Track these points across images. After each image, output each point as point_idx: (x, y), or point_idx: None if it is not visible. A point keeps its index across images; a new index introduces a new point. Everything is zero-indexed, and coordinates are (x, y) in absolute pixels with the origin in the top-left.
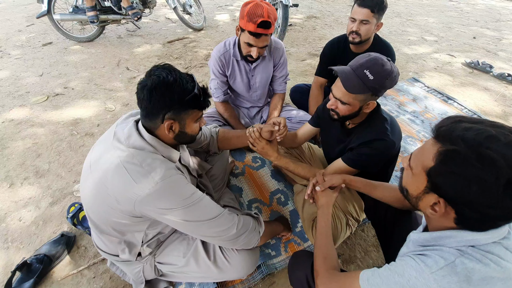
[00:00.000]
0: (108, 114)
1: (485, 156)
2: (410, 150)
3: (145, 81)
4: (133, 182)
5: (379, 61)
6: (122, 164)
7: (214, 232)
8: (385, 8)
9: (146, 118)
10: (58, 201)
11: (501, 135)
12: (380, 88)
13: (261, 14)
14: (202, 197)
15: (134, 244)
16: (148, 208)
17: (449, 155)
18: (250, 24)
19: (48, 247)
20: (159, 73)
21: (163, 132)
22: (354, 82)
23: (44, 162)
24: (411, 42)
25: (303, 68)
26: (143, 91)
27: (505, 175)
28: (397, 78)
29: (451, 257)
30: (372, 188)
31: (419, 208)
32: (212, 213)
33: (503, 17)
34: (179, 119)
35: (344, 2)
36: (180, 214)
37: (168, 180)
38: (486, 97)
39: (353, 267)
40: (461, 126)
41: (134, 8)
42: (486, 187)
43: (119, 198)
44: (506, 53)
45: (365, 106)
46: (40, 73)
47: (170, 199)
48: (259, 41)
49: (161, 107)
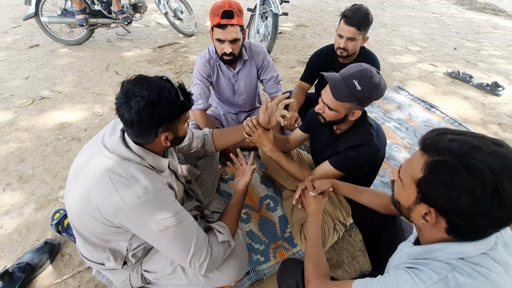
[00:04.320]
0: (95, 119)
1: (471, 166)
2: (396, 156)
3: (127, 103)
4: (116, 193)
5: (368, 73)
6: (106, 173)
7: (184, 258)
8: (370, 24)
9: (136, 137)
10: (42, 207)
11: (483, 145)
12: (366, 99)
13: (222, 6)
14: (184, 217)
15: (119, 252)
16: (127, 222)
17: (437, 166)
18: (215, 18)
19: (31, 255)
20: (140, 92)
21: (156, 144)
22: (342, 90)
23: (28, 167)
24: (396, 52)
25: (292, 75)
26: (129, 114)
27: (490, 183)
28: (384, 91)
29: (444, 272)
30: (359, 194)
31: (411, 220)
32: (190, 239)
33: (482, 29)
34: (172, 129)
35: (333, 12)
36: (157, 232)
37: (152, 195)
38: (467, 105)
39: (340, 272)
40: (446, 137)
41: (124, 13)
42: (474, 195)
43: (100, 208)
44: (485, 63)
45: (350, 114)
46: (26, 76)
47: (150, 216)
48: (226, 32)
49: (152, 126)
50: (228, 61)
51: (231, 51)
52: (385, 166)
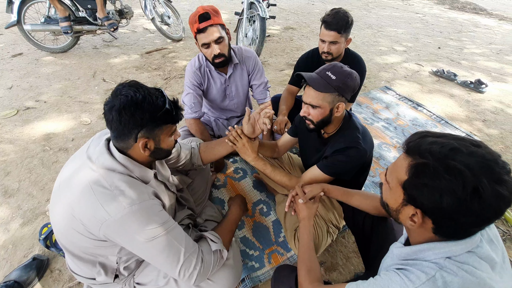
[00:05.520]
0: (83, 128)
1: (451, 167)
2: (386, 156)
3: (112, 101)
4: (99, 206)
5: (338, 64)
6: (89, 185)
7: (173, 268)
8: (351, 26)
9: (117, 139)
10: (29, 222)
11: (463, 147)
12: (344, 87)
13: (197, 12)
14: (170, 228)
15: (109, 266)
16: (112, 234)
17: (420, 168)
18: (194, 25)
19: (18, 272)
20: (126, 92)
21: (137, 152)
22: (319, 81)
23: (14, 180)
24: (382, 52)
25: (281, 78)
26: (111, 113)
27: (470, 183)
28: (358, 79)
29: (431, 271)
30: (350, 196)
31: (400, 221)
32: (179, 249)
33: (464, 28)
34: (153, 136)
35: (319, 14)
36: (144, 242)
37: (137, 206)
38: (452, 103)
39: (335, 274)
40: (427, 140)
41: (110, 19)
42: (456, 196)
43: (85, 222)
44: (468, 61)
45: (335, 109)
46: (9, 86)
47: (136, 226)
48: (208, 34)
49: (132, 127)
50: (221, 63)
51: (220, 52)
52: (376, 166)
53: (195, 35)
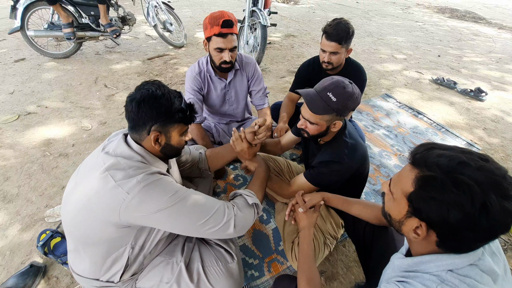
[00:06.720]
0: (84, 133)
1: (460, 181)
2: (387, 164)
3: (134, 94)
4: (117, 188)
5: (341, 84)
6: (106, 171)
7: (208, 229)
8: (352, 36)
9: (132, 130)
10: (28, 228)
11: (471, 161)
12: (344, 109)
13: (221, 16)
14: (189, 192)
15: (120, 260)
16: (133, 213)
17: (427, 181)
18: (214, 28)
19: (15, 279)
20: (149, 87)
21: (149, 144)
22: (319, 104)
23: (13, 186)
24: (383, 60)
25: (282, 85)
26: (131, 104)
27: (479, 199)
28: (359, 98)
29: (433, 285)
30: (350, 206)
31: (402, 233)
32: (203, 208)
33: (463, 37)
34: (165, 132)
35: (320, 22)
36: (169, 213)
37: (151, 180)
38: (452, 111)
39: (336, 284)
40: (435, 152)
41: (112, 26)
42: (464, 210)
43: (103, 207)
44: (468, 70)
45: (332, 126)
46: (11, 91)
47: (156, 199)
48: (227, 41)
49: (147, 119)
50: (226, 69)
51: (230, 59)
52: (377, 174)
53: (210, 36)
